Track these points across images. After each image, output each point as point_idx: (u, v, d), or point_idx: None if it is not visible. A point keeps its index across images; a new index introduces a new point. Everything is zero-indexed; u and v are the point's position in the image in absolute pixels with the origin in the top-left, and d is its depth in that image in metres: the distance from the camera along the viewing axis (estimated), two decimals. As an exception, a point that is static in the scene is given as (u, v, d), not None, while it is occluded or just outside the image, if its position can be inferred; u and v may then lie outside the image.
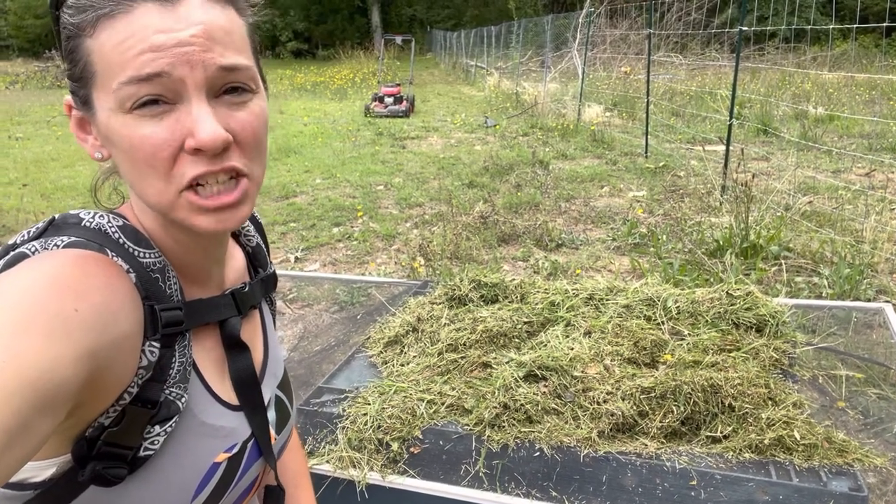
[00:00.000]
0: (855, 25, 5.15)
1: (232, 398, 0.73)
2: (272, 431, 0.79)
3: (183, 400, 0.64)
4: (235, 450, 0.71)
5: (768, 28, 6.60)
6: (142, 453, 0.61)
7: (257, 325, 0.82)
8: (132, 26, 0.56)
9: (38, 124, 11.96)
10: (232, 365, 0.73)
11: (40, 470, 0.59)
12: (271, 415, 0.80)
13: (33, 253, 0.57)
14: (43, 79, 20.78)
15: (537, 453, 1.49)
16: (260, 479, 0.80)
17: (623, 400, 1.58)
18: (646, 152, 7.64)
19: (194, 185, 0.60)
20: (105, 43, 0.57)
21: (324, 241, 5.05)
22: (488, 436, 1.53)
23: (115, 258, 0.60)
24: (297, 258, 4.69)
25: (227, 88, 0.60)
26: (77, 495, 0.60)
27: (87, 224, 0.62)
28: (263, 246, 0.86)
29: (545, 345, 1.85)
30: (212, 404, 0.70)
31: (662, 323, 1.93)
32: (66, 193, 6.76)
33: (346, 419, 1.63)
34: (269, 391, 0.80)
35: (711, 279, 3.69)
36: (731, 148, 5.61)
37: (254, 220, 0.87)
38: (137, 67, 0.56)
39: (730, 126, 5.68)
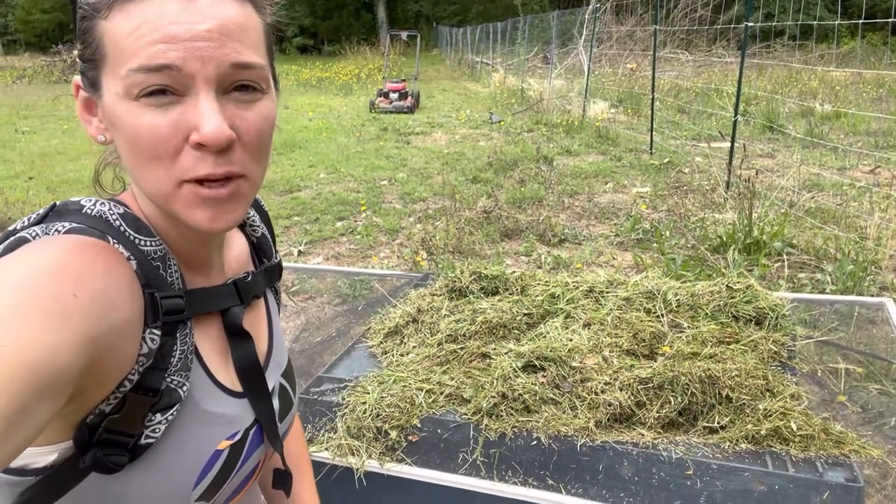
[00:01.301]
0: (861, 21, 5.12)
1: (236, 385, 0.73)
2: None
3: (184, 388, 0.64)
4: (237, 437, 0.71)
5: (775, 24, 6.57)
6: (143, 441, 0.61)
7: (262, 314, 0.82)
8: (148, 13, 0.55)
9: (45, 118, 12.02)
10: (234, 353, 0.73)
11: (41, 456, 0.59)
12: (275, 403, 0.79)
13: (34, 238, 0.57)
14: (50, 73, 20.87)
15: (534, 442, 1.49)
16: (261, 466, 0.80)
17: (621, 390, 1.58)
18: (650, 149, 7.63)
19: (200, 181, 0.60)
20: (119, 27, 0.56)
21: (327, 235, 5.06)
22: (486, 425, 1.53)
23: (116, 245, 0.60)
24: (300, 252, 4.71)
25: (237, 86, 0.59)
26: (78, 482, 0.60)
27: (89, 211, 0.62)
28: (269, 236, 0.86)
29: (544, 336, 1.85)
30: (214, 392, 0.69)
31: (662, 315, 1.93)
32: (72, 186, 6.79)
33: (346, 408, 1.63)
34: (272, 379, 0.80)
35: (714, 275, 3.69)
36: (735, 144, 5.60)
37: (260, 209, 0.87)
38: (149, 57, 0.55)
39: (735, 123, 5.67)
